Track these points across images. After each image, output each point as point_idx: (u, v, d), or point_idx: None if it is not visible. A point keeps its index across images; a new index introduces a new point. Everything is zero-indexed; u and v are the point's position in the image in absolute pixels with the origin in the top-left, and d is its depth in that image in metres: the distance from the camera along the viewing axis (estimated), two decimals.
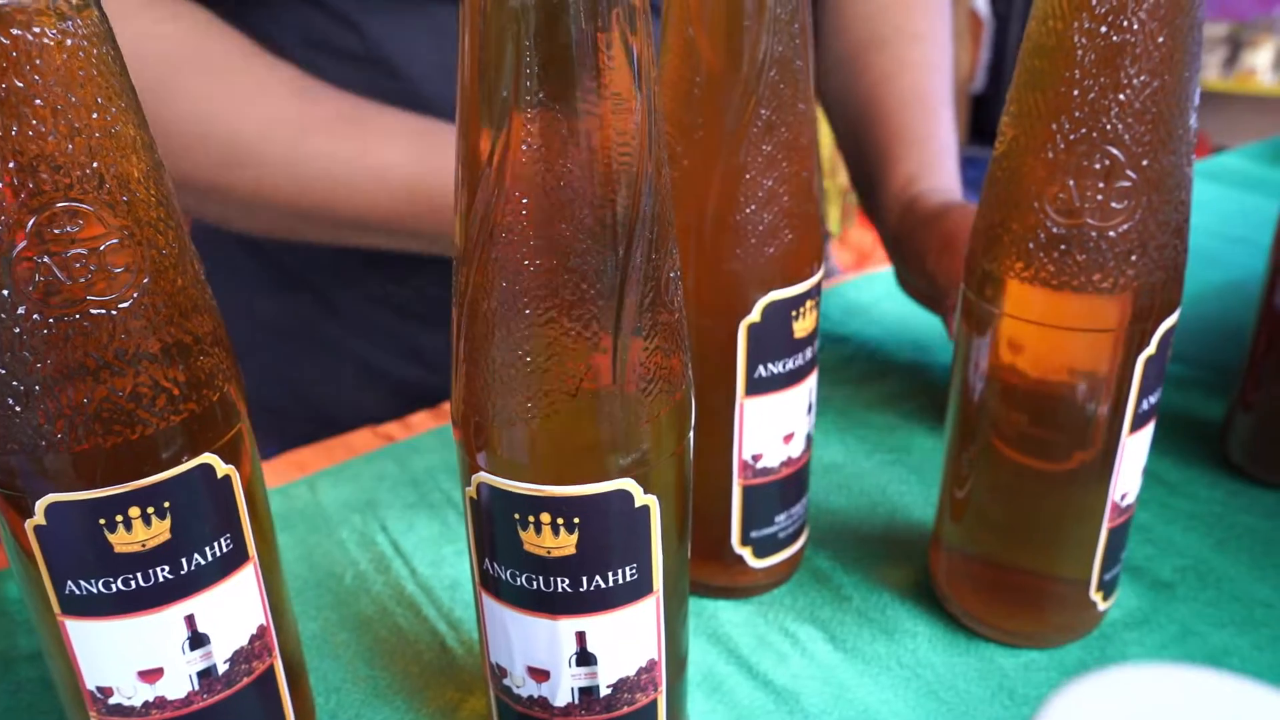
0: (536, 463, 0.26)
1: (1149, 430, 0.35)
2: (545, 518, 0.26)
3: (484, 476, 0.26)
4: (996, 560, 0.38)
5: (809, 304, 0.36)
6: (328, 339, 0.66)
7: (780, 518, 0.40)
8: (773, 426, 0.37)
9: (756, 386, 0.36)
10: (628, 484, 0.26)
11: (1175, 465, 0.49)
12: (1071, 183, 0.31)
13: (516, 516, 0.26)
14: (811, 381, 0.38)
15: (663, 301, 0.25)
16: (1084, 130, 0.30)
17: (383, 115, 0.51)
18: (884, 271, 0.70)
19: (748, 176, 0.33)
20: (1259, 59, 2.66)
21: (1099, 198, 0.31)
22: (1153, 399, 0.34)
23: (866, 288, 0.69)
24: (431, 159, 0.50)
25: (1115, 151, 0.30)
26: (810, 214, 0.35)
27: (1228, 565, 0.42)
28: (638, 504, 0.26)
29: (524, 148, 0.23)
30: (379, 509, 0.47)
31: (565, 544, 0.26)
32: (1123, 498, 0.35)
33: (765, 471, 0.38)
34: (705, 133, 0.33)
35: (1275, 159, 0.91)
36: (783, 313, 0.35)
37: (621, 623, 0.28)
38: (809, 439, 0.39)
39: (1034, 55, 0.31)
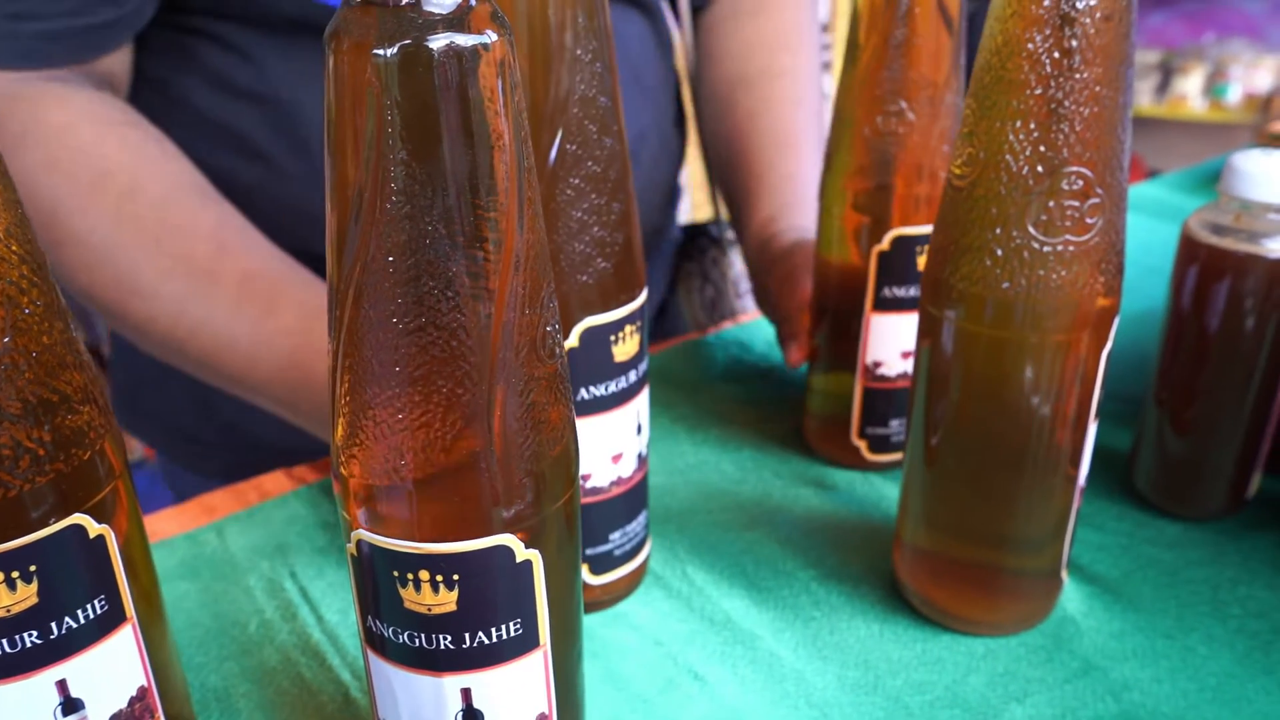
0: (413, 520, 0.25)
1: (1097, 419, 0.39)
2: (424, 575, 0.26)
3: (362, 533, 0.26)
4: (971, 556, 0.40)
5: (629, 329, 0.38)
6: None
7: (615, 536, 0.41)
8: (600, 448, 0.39)
9: (580, 409, 0.38)
10: (508, 540, 0.26)
11: (1085, 496, 0.49)
12: (1051, 203, 0.34)
13: (396, 574, 0.26)
14: (639, 403, 0.39)
15: (538, 355, 0.25)
16: (1057, 154, 0.33)
17: (286, 282, 0.50)
18: None
19: (555, 208, 0.35)
20: (1189, 85, 2.73)
21: (1075, 215, 0.34)
22: (1103, 390, 0.38)
23: None
24: (318, 335, 0.49)
25: (1086, 171, 0.33)
26: (624, 243, 0.37)
27: (1133, 597, 0.43)
28: (519, 559, 0.26)
29: (387, 207, 0.22)
30: (289, 554, 0.47)
31: (446, 601, 0.26)
32: (1084, 479, 0.39)
33: (595, 491, 0.39)
34: None
35: (1193, 188, 0.93)
36: (601, 338, 0.37)
37: (508, 678, 0.28)
38: (641, 458, 0.41)
39: (991, 87, 0.34)
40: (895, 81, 0.44)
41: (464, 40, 0.22)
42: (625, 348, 0.38)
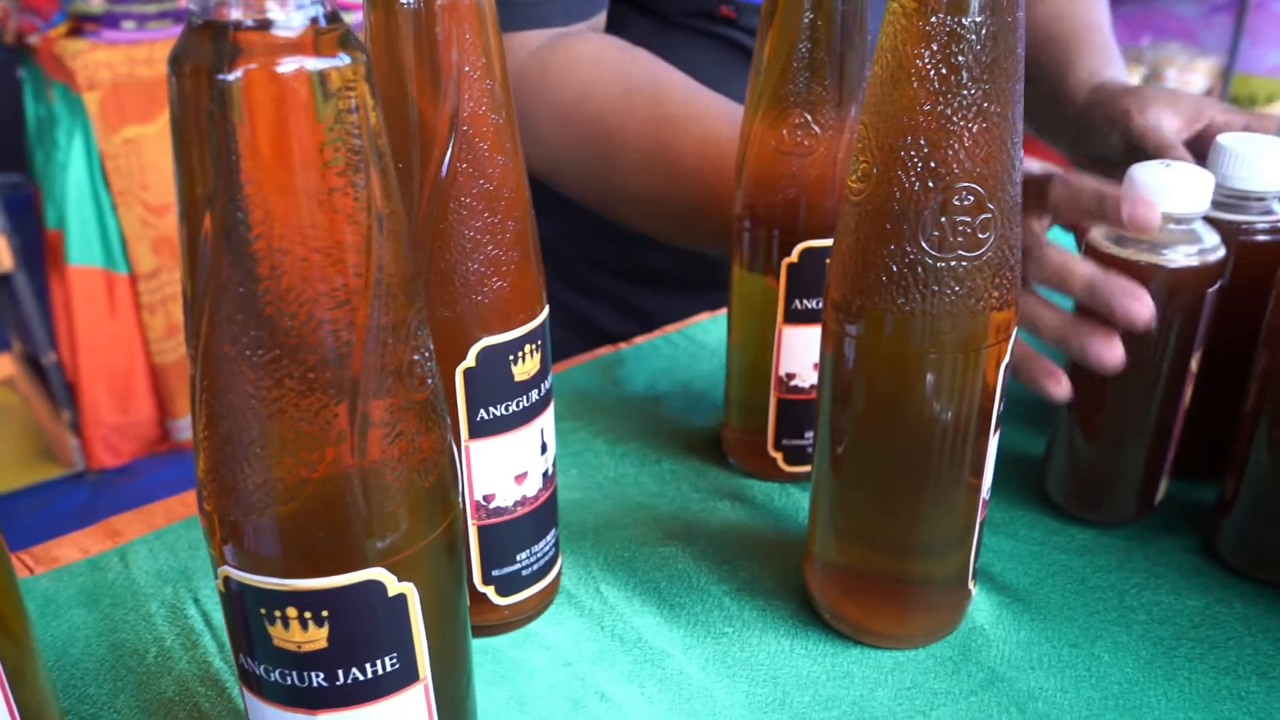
0: (277, 556, 0.25)
1: (999, 430, 0.39)
2: (292, 612, 0.25)
3: (229, 570, 0.25)
4: (877, 568, 0.40)
5: (529, 348, 0.37)
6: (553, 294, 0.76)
7: (522, 556, 0.40)
8: (502, 468, 0.38)
9: (480, 430, 0.37)
10: (379, 574, 0.25)
11: (998, 504, 0.50)
12: (943, 219, 0.34)
13: (263, 611, 0.25)
14: (544, 421, 0.39)
15: (405, 384, 0.24)
16: (948, 169, 0.33)
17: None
18: None
19: (447, 227, 0.34)
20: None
21: (967, 230, 0.34)
22: (1004, 401, 0.38)
23: None
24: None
25: (977, 187, 0.33)
26: (521, 261, 0.36)
27: (1041, 605, 0.43)
28: (392, 593, 0.26)
29: (235, 237, 0.22)
30: (193, 579, 0.45)
31: (316, 638, 0.25)
32: (988, 490, 0.40)
33: (499, 511, 0.39)
34: (406, 185, 0.34)
35: None
36: (499, 358, 0.36)
37: (386, 713, 0.27)
38: (547, 477, 0.40)
39: (882, 102, 0.34)
40: (799, 95, 0.44)
41: (312, 64, 0.21)
42: (525, 367, 0.37)
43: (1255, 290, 0.45)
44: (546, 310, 0.38)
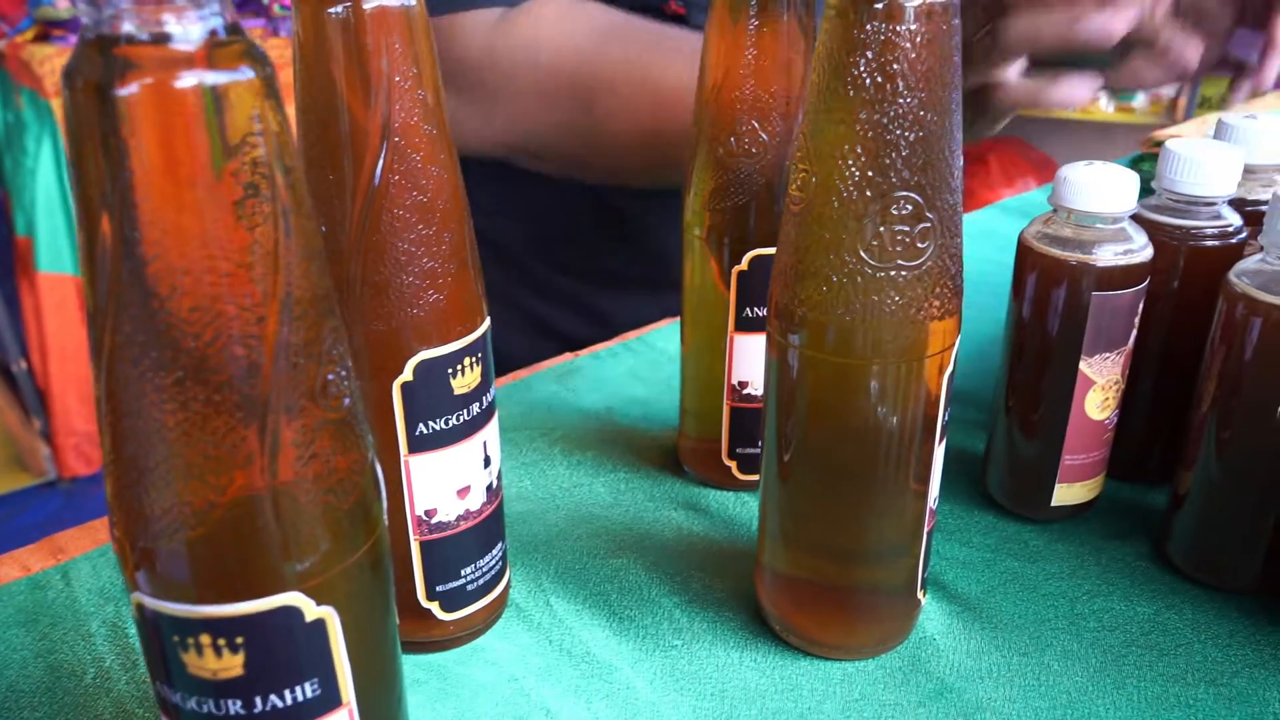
0: (189, 582, 0.24)
1: (945, 439, 0.38)
2: (206, 639, 0.24)
3: (140, 596, 0.25)
4: (825, 578, 0.40)
5: (468, 361, 0.37)
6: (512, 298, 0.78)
7: (467, 571, 0.40)
8: (444, 482, 0.38)
9: (420, 444, 0.37)
10: (295, 598, 0.25)
11: (953, 511, 0.50)
12: (881, 228, 0.33)
13: (176, 638, 0.25)
14: (487, 434, 0.39)
15: (319, 404, 0.24)
16: (885, 178, 0.33)
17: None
18: None
19: (380, 240, 0.34)
20: None
21: (906, 239, 0.33)
22: (949, 411, 0.38)
23: None
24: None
25: (915, 196, 0.33)
26: (460, 274, 0.36)
27: (992, 614, 0.43)
28: (310, 618, 0.25)
29: (133, 257, 0.21)
30: None
31: (231, 665, 0.25)
32: (934, 500, 0.39)
33: (442, 526, 0.38)
34: (338, 196, 0.33)
35: None
36: (438, 371, 0.36)
37: None
38: (491, 490, 0.40)
39: (819, 110, 0.33)
40: (747, 100, 0.43)
41: (210, 79, 0.21)
42: (465, 380, 0.37)
43: (1205, 294, 0.46)
44: (487, 323, 0.38)
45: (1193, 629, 0.42)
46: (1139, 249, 0.44)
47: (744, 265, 0.45)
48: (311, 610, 0.25)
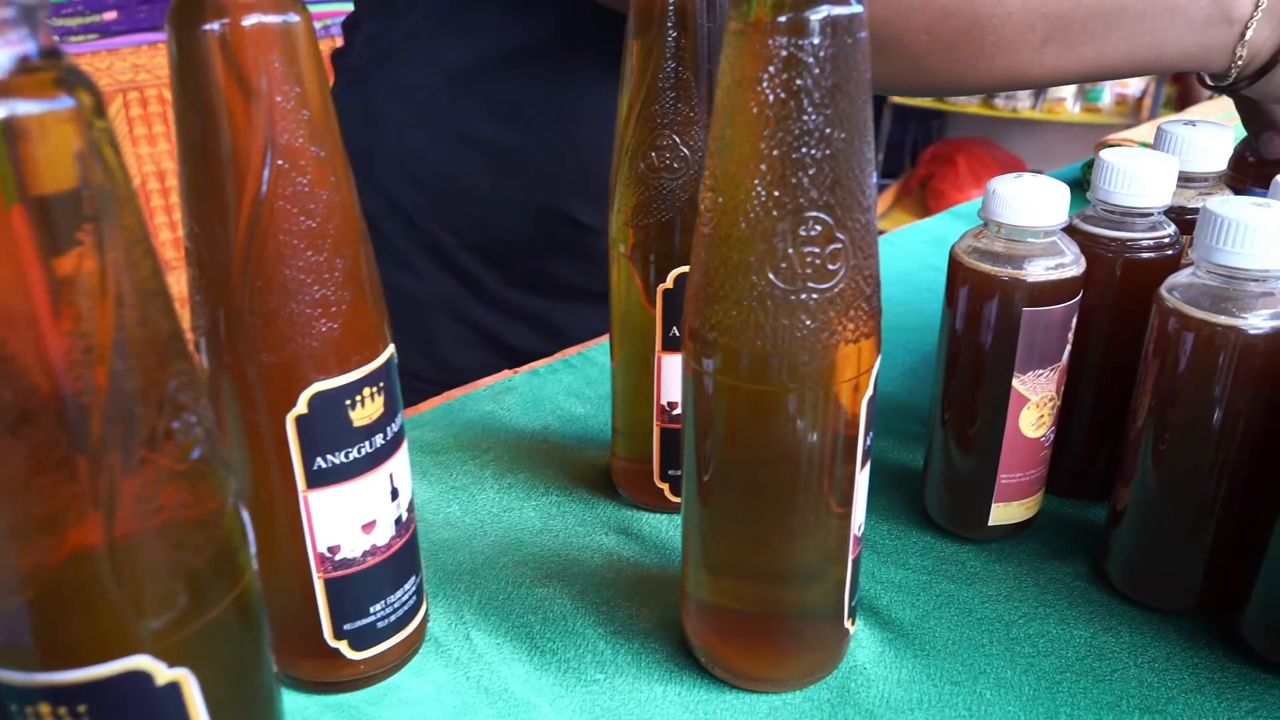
0: (25, 647, 0.22)
1: (869, 464, 0.37)
2: (45, 709, 0.23)
3: None
4: (749, 607, 0.39)
5: (368, 391, 0.35)
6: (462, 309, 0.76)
7: (376, 608, 0.38)
8: (347, 517, 0.36)
9: (319, 479, 0.35)
10: (143, 662, 0.23)
11: (891, 532, 0.48)
12: (790, 249, 0.32)
13: (14, 708, 0.23)
14: (393, 465, 0.37)
15: (163, 452, 0.22)
16: (792, 198, 0.31)
17: None
18: None
19: (265, 268, 0.32)
20: (1065, 90, 2.81)
21: (817, 261, 0.32)
22: (871, 435, 0.37)
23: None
24: None
25: (824, 216, 0.31)
26: (356, 301, 0.34)
27: (926, 640, 0.42)
28: (161, 681, 0.23)
29: None
30: None
31: None
32: (859, 528, 0.38)
33: (347, 563, 0.37)
34: (222, 223, 0.32)
35: None
36: (335, 403, 0.34)
37: None
38: (401, 523, 0.38)
39: (724, 128, 0.32)
40: (667, 115, 0.42)
41: (20, 108, 0.19)
42: (366, 411, 0.35)
43: (1142, 307, 0.45)
44: (390, 350, 0.36)
45: (1130, 652, 0.41)
46: (1070, 263, 0.43)
47: (669, 283, 0.44)
48: (163, 674, 0.23)
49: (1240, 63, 0.50)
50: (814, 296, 0.32)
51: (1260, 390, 0.39)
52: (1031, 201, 0.42)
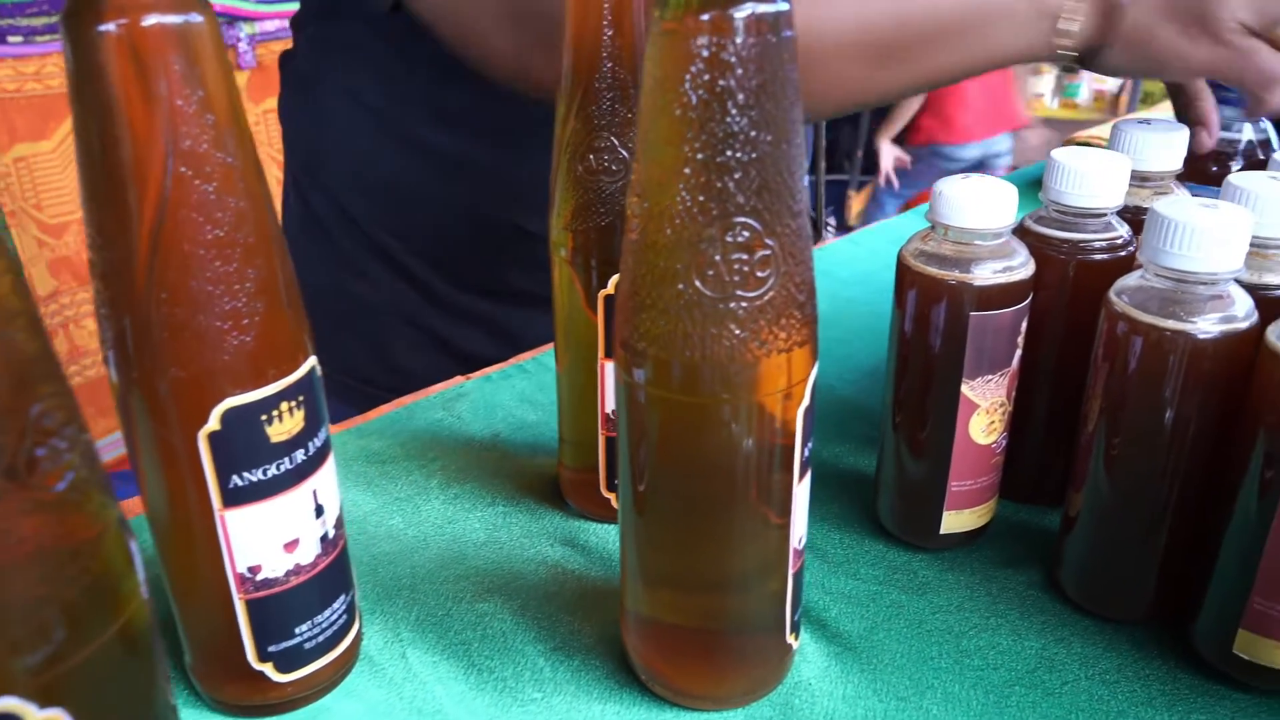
0: None
1: (809, 474, 0.36)
2: None
3: None
4: (687, 621, 0.37)
5: (287, 406, 0.34)
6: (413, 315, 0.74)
7: (302, 628, 0.37)
8: (267, 536, 0.35)
9: (235, 497, 0.34)
10: (11, 704, 0.22)
11: (842, 541, 0.47)
12: (717, 257, 0.31)
13: None
14: (317, 481, 0.36)
15: (24, 481, 0.21)
16: (719, 204, 0.30)
17: None
18: None
19: (170, 279, 0.31)
20: (1043, 85, 2.82)
21: (745, 269, 0.31)
22: (810, 445, 0.35)
23: None
24: None
25: (752, 222, 0.30)
26: (271, 312, 0.33)
27: (873, 654, 0.41)
28: None
29: None
30: None
31: None
32: (799, 541, 0.37)
33: (269, 583, 0.36)
34: (123, 234, 0.30)
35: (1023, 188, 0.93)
36: (249, 418, 0.33)
37: None
38: (327, 540, 0.37)
39: (649, 133, 0.31)
40: (604, 116, 0.41)
41: None
42: (284, 426, 0.34)
43: (1095, 309, 0.44)
44: (311, 362, 0.35)
45: (1081, 664, 0.40)
46: (1019, 265, 0.42)
47: (610, 289, 0.43)
48: (33, 715, 0.22)
49: (1064, 50, 0.51)
50: (743, 305, 0.31)
51: (1210, 395, 0.38)
52: (978, 203, 0.41)
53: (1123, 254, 0.45)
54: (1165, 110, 0.98)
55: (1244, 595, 0.37)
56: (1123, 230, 0.45)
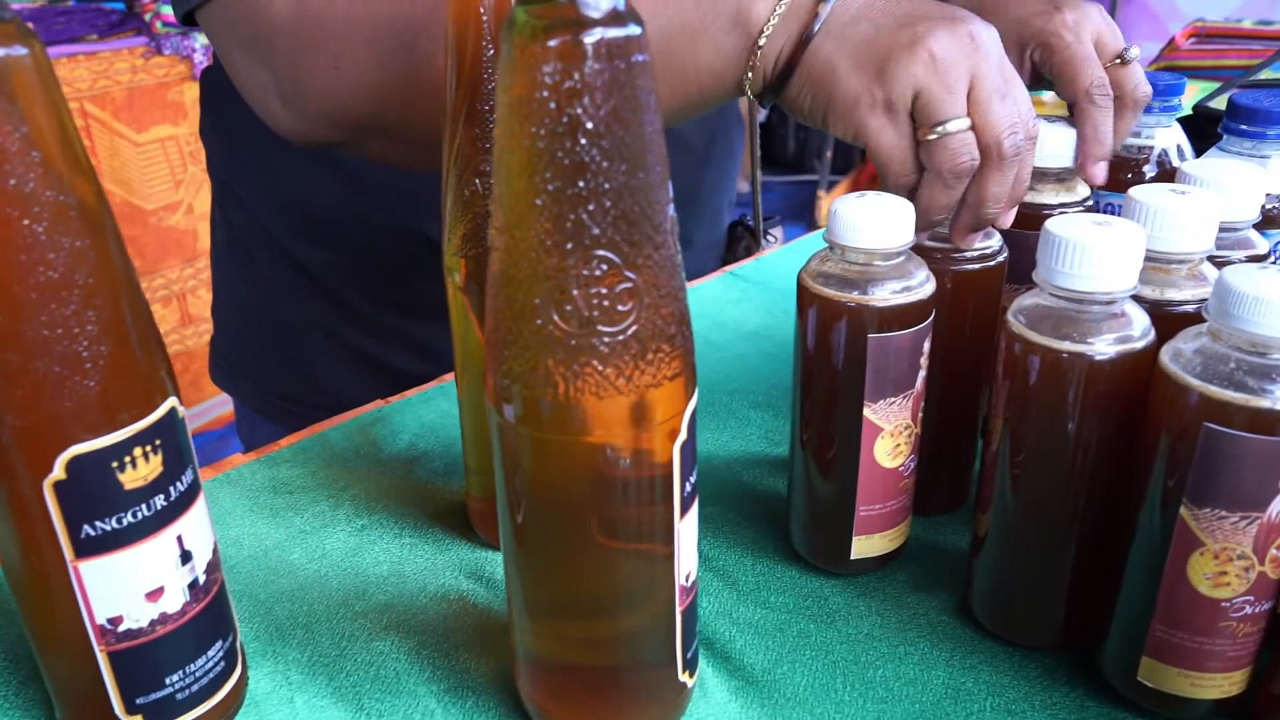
0: None
1: (695, 508, 0.35)
2: None
3: None
4: (573, 660, 0.37)
5: (141, 450, 0.32)
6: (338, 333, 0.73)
7: (174, 679, 0.36)
8: (127, 586, 0.33)
9: (88, 547, 0.32)
10: None
11: (754, 569, 0.46)
12: (575, 291, 0.29)
13: None
14: (183, 526, 0.35)
15: None
16: (573, 237, 0.29)
17: None
18: None
19: (2, 323, 0.29)
20: None
21: (605, 303, 0.29)
22: (693, 479, 0.34)
23: None
24: None
25: (610, 255, 0.29)
26: (118, 355, 0.31)
27: (775, 688, 0.40)
28: None
29: None
30: None
31: None
32: (687, 578, 0.35)
33: (133, 634, 0.34)
34: None
35: None
36: (98, 466, 0.32)
37: None
38: (197, 587, 0.36)
39: (500, 161, 0.30)
40: (488, 138, 0.40)
41: None
42: (139, 472, 0.33)
43: (977, 319, 0.43)
44: (171, 403, 0.34)
45: (988, 693, 0.39)
46: (919, 285, 0.41)
47: None
48: None
49: (754, 73, 0.46)
50: (604, 340, 0.30)
51: (1108, 416, 0.37)
52: (874, 223, 0.39)
53: (992, 264, 0.44)
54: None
55: (1146, 621, 0.36)
56: (995, 239, 0.45)
